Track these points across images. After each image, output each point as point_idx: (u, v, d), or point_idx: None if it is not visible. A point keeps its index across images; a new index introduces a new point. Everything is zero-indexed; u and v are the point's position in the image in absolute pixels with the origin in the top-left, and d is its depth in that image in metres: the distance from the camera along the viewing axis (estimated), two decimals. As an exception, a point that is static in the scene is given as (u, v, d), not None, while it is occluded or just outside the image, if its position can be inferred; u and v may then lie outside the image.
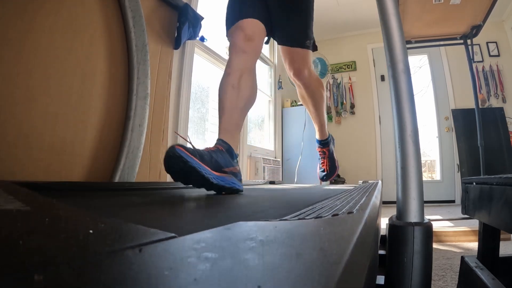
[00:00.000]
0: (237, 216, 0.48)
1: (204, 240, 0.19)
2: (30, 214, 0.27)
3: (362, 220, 0.28)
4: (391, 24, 0.53)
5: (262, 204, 0.64)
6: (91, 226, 0.22)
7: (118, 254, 0.15)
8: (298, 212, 0.39)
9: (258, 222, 0.27)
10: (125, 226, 0.23)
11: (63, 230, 0.22)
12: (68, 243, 0.18)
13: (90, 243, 0.18)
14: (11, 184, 0.56)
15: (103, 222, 0.23)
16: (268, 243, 0.19)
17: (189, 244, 0.18)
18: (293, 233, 0.23)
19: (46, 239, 0.18)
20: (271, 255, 0.17)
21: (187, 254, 0.16)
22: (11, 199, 0.33)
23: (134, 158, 1.33)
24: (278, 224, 0.26)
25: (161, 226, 0.30)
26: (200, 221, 0.40)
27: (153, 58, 1.52)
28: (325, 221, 0.29)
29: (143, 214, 0.45)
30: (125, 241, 0.18)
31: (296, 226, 0.27)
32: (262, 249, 0.18)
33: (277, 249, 0.18)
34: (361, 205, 0.40)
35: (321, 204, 0.47)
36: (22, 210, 0.28)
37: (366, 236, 0.24)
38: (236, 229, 0.24)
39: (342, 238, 0.21)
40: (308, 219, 0.31)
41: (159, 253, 0.16)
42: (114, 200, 0.66)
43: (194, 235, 0.20)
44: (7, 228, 0.21)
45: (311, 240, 0.21)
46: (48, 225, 0.23)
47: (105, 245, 0.17)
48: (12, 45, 0.97)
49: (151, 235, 0.20)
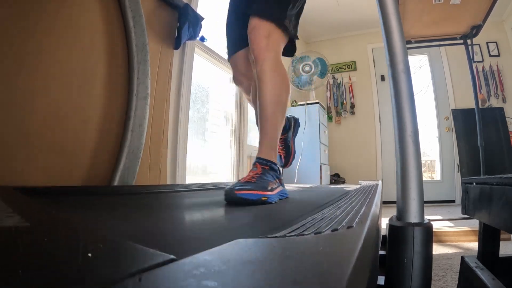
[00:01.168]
0: (237, 227, 0.47)
1: (203, 264, 0.19)
2: (28, 233, 0.27)
3: (361, 235, 0.28)
4: (391, 24, 0.53)
5: (263, 212, 0.64)
6: (90, 247, 0.22)
7: (119, 284, 0.16)
8: (298, 224, 0.39)
9: (258, 240, 0.27)
10: (124, 247, 0.23)
11: (62, 253, 0.22)
12: (67, 269, 0.18)
13: (89, 269, 0.18)
14: (12, 191, 0.56)
15: (102, 241, 0.23)
16: (268, 264, 0.20)
17: (189, 268, 0.18)
18: (292, 252, 0.24)
19: (43, 265, 0.19)
20: (272, 277, 0.17)
21: (187, 282, 0.16)
22: (10, 213, 0.33)
23: (134, 159, 1.33)
24: (277, 241, 0.27)
25: (160, 243, 0.30)
26: (199, 236, 0.40)
27: (153, 58, 1.51)
28: (324, 237, 0.30)
29: (143, 227, 0.44)
30: (125, 266, 0.18)
31: (296, 243, 0.27)
32: (262, 271, 0.18)
33: (277, 270, 0.18)
34: (360, 217, 0.40)
35: (321, 215, 0.47)
36: (21, 227, 0.28)
37: (366, 252, 0.24)
38: (235, 248, 0.24)
39: (342, 256, 0.21)
40: (308, 235, 0.31)
41: (159, 280, 0.17)
42: (113, 208, 0.65)
43: (194, 258, 0.20)
44: (6, 249, 0.21)
45: (310, 260, 0.22)
46: (46, 246, 0.23)
47: (105, 272, 0.17)
48: (12, 45, 0.97)
49: (150, 258, 0.20)
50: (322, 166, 3.32)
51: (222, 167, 2.60)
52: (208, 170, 2.42)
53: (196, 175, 2.21)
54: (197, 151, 2.23)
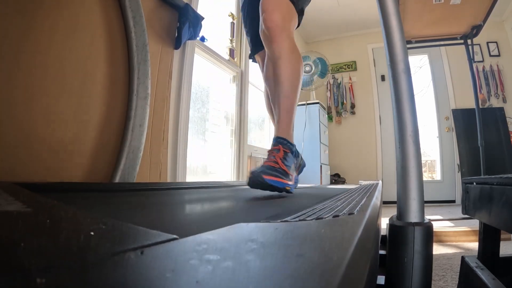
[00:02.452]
0: (238, 216, 0.48)
1: (205, 242, 0.19)
2: (31, 216, 0.27)
3: (363, 220, 0.28)
4: (392, 24, 0.53)
5: (264, 205, 0.64)
6: (92, 227, 0.22)
7: (120, 256, 0.15)
8: (299, 213, 0.39)
9: (259, 224, 0.27)
10: (126, 227, 0.23)
11: (64, 232, 0.22)
12: (69, 245, 0.18)
13: (91, 245, 0.18)
14: (12, 185, 0.56)
15: (104, 223, 0.23)
16: (269, 245, 0.19)
17: (191, 246, 0.18)
18: (294, 235, 0.23)
19: (47, 241, 0.19)
20: (272, 256, 0.17)
21: (188, 256, 0.16)
22: (12, 200, 0.33)
23: (134, 158, 1.33)
24: (279, 225, 0.26)
25: (163, 227, 0.30)
26: (201, 222, 0.40)
27: (153, 58, 1.51)
28: (326, 222, 0.29)
29: (144, 216, 0.45)
30: (127, 243, 0.18)
31: (297, 227, 0.27)
32: (263, 250, 0.18)
33: (278, 250, 0.18)
34: (361, 206, 0.40)
35: (322, 205, 0.47)
36: (23, 211, 0.28)
37: (367, 237, 0.24)
38: (237, 230, 0.24)
39: (343, 239, 0.21)
40: (309, 220, 0.31)
41: (160, 255, 0.17)
42: (115, 201, 0.66)
43: (196, 237, 0.20)
44: (8, 229, 0.21)
45: (311, 242, 0.21)
46: (49, 226, 0.23)
47: (107, 247, 0.17)
48: (12, 44, 0.97)
49: (152, 236, 0.20)
50: (322, 166, 3.32)
51: (222, 167, 2.60)
52: (208, 170, 2.42)
53: (196, 175, 2.21)
54: (197, 151, 2.23)
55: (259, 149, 3.03)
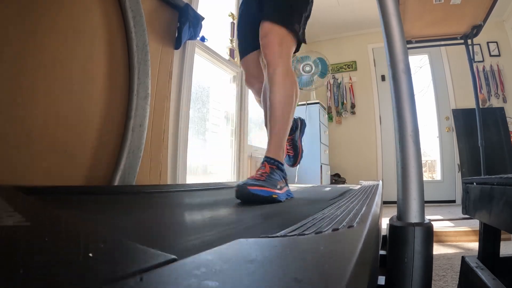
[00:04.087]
0: (238, 227, 0.48)
1: (204, 264, 0.19)
2: (29, 232, 0.27)
3: (362, 234, 0.28)
4: (392, 24, 0.53)
5: (263, 213, 0.64)
6: (91, 246, 0.22)
7: (120, 283, 0.16)
8: (299, 224, 0.39)
9: (258, 240, 0.27)
10: (125, 246, 0.23)
11: (62, 253, 0.21)
12: (68, 269, 0.18)
13: (90, 269, 0.18)
14: (12, 190, 0.56)
15: (103, 241, 0.23)
16: (269, 264, 0.20)
17: (190, 269, 0.18)
18: (294, 252, 0.24)
19: (44, 263, 0.18)
20: (272, 277, 0.17)
21: (188, 282, 0.16)
22: (11, 212, 0.33)
23: (135, 159, 1.33)
24: (278, 242, 0.27)
25: (161, 242, 0.30)
26: (201, 235, 0.40)
27: (153, 58, 1.51)
28: (325, 237, 0.30)
29: (144, 227, 0.44)
30: (126, 265, 0.18)
31: (297, 243, 0.27)
32: (263, 271, 0.18)
33: (278, 270, 0.18)
34: (361, 217, 0.40)
35: (321, 214, 0.47)
36: (21, 226, 0.28)
37: (367, 251, 0.24)
38: (236, 248, 0.24)
39: (343, 256, 0.21)
40: (308, 235, 0.31)
41: (160, 280, 0.17)
42: (114, 208, 0.65)
43: (195, 258, 0.20)
44: (7, 248, 0.21)
45: (311, 260, 0.21)
46: (47, 245, 0.23)
47: (106, 272, 0.17)
48: (13, 45, 0.97)
49: (151, 257, 0.20)
50: (322, 166, 3.32)
51: (223, 167, 2.60)
52: (208, 170, 2.42)
53: (196, 175, 2.21)
54: (198, 151, 2.23)
55: (259, 149, 3.03)
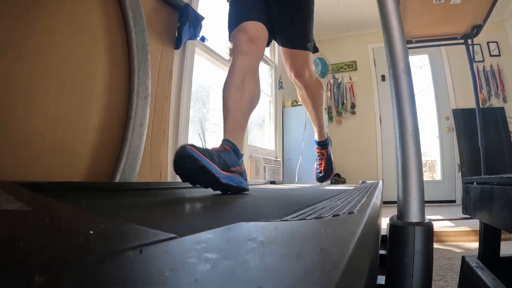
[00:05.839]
0: (238, 216, 0.48)
1: (204, 241, 0.19)
2: (31, 215, 0.27)
3: (362, 220, 0.28)
4: (392, 24, 0.52)
5: (263, 204, 0.64)
6: (91, 226, 0.22)
7: (119, 255, 0.15)
8: (299, 212, 0.39)
9: (259, 223, 0.27)
10: (125, 226, 0.23)
11: (63, 231, 0.22)
12: (68, 244, 0.18)
13: (90, 244, 0.18)
14: (12, 184, 0.56)
15: (103, 222, 0.23)
16: (269, 244, 0.19)
17: (190, 245, 0.18)
18: (293, 234, 0.23)
19: (46, 240, 0.18)
20: (272, 255, 0.17)
21: (187, 255, 0.16)
22: (12, 200, 0.33)
23: (135, 158, 1.33)
24: (279, 224, 0.26)
25: (162, 226, 0.30)
26: (201, 221, 0.40)
27: (153, 58, 1.51)
28: (325, 221, 0.29)
29: (144, 215, 0.45)
30: (126, 242, 0.18)
31: (296, 226, 0.27)
32: (262, 249, 0.18)
33: (277, 249, 0.18)
34: (361, 205, 0.40)
35: (322, 204, 0.47)
36: (23, 210, 0.28)
37: (367, 237, 0.24)
38: (236, 229, 0.24)
39: (343, 238, 0.21)
40: (309, 219, 0.31)
41: (159, 254, 0.16)
42: (114, 201, 0.66)
43: (195, 236, 0.20)
44: (8, 228, 0.21)
45: (311, 241, 0.21)
46: (48, 225, 0.23)
47: (106, 246, 0.17)
48: (13, 45, 0.97)
49: (151, 235, 0.20)
50: (322, 166, 3.32)
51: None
52: (208, 170, 2.42)
53: (196, 175, 2.20)
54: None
55: (260, 149, 3.03)
